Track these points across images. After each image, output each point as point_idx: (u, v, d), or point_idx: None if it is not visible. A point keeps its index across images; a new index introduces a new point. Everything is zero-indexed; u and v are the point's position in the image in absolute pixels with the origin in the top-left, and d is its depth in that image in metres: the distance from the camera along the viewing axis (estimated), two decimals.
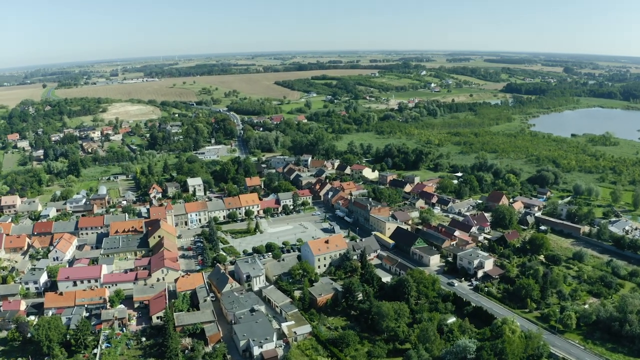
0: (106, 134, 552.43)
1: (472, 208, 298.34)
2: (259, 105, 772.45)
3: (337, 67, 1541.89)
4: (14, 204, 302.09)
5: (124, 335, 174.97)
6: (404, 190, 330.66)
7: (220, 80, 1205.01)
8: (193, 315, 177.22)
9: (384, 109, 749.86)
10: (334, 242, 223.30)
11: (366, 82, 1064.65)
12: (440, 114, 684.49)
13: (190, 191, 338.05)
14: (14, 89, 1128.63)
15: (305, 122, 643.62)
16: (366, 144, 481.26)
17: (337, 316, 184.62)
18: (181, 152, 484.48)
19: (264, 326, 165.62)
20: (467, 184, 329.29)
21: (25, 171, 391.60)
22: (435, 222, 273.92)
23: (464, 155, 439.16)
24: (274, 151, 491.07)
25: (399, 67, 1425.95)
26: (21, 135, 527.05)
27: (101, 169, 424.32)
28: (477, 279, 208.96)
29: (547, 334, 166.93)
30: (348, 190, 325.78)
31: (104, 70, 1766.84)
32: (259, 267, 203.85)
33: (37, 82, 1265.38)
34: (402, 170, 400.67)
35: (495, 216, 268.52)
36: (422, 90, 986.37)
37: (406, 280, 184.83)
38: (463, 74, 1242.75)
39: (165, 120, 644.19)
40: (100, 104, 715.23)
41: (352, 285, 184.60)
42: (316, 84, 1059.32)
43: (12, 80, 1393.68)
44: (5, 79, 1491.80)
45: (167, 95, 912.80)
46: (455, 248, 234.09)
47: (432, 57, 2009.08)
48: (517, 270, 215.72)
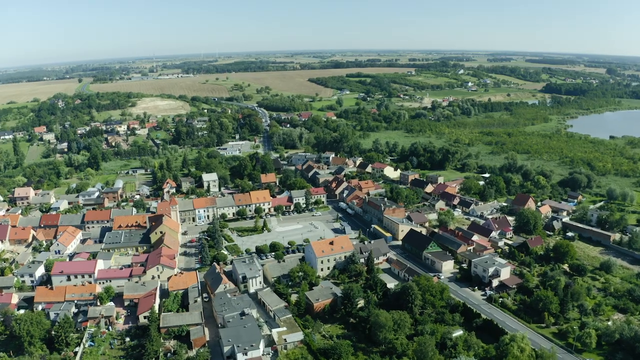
0: (132, 128, 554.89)
1: (495, 211, 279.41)
2: (289, 102, 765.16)
3: (374, 65, 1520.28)
4: (27, 195, 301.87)
5: (109, 334, 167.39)
6: (425, 191, 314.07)
7: (254, 76, 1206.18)
8: (180, 316, 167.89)
9: (416, 107, 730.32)
10: (340, 243, 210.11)
11: (401, 80, 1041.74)
12: (474, 113, 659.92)
13: (205, 187, 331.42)
14: (52, 83, 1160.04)
15: (334, 119, 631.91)
16: (392, 142, 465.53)
17: (334, 323, 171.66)
18: (204, 148, 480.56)
19: (252, 332, 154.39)
20: (493, 185, 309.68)
21: (46, 163, 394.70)
22: (454, 225, 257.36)
23: (495, 155, 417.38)
24: (298, 148, 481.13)
25: (437, 65, 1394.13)
26: (48, 128, 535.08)
27: (121, 162, 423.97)
28: (492, 289, 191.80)
29: (562, 353, 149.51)
30: (366, 189, 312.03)
31: (143, 66, 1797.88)
32: (257, 267, 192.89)
33: (76, 77, 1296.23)
34: (427, 170, 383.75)
35: (518, 220, 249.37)
36: (458, 89, 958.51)
37: (410, 288, 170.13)
38: (502, 73, 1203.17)
39: (193, 116, 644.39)
40: (130, 99, 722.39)
41: (351, 291, 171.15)
42: (350, 82, 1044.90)
43: (53, 75, 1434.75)
44: (47, 74, 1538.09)
45: (199, 91, 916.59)
46: (472, 254, 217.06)
47: (473, 57, 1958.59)
48: (538, 280, 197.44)
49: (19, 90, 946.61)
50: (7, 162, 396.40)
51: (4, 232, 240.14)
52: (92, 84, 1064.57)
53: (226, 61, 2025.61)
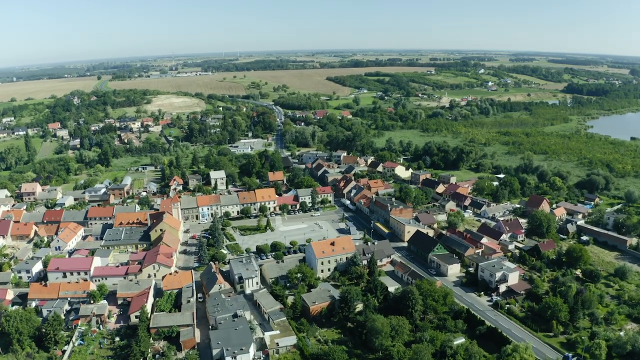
0: (146, 125, 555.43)
1: (508, 213, 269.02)
2: (305, 100, 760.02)
3: (394, 65, 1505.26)
4: (33, 191, 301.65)
5: (99, 333, 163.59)
6: (436, 191, 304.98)
7: (272, 75, 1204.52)
8: (171, 317, 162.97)
9: (434, 106, 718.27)
10: (341, 244, 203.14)
11: (420, 80, 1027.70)
12: (492, 112, 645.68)
13: (213, 184, 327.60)
14: (72, 80, 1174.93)
15: (350, 117, 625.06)
16: (406, 141, 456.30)
17: (331, 328, 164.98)
18: (216, 145, 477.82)
19: (243, 334, 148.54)
20: (506, 186, 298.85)
21: (57, 159, 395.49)
22: (463, 227, 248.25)
23: (511, 155, 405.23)
24: (310, 146, 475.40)
25: (457, 65, 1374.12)
26: (62, 124, 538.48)
27: (132, 159, 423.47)
28: (499, 294, 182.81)
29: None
30: (375, 188, 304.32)
31: (164, 64, 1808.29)
32: (254, 268, 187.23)
33: (97, 74, 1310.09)
34: (441, 170, 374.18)
35: (531, 223, 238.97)
36: (478, 89, 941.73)
37: (410, 292, 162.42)
38: (523, 73, 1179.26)
39: (208, 113, 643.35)
40: (145, 96, 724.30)
41: (349, 294, 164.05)
42: (368, 80, 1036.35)
43: (74, 73, 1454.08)
44: (68, 71, 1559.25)
45: (216, 89, 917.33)
46: (479, 257, 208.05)
47: (495, 57, 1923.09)
48: (548, 285, 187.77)
49: (38, 87, 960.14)
50: (18, 158, 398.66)
51: (6, 228, 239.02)
52: (110, 81, 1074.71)
53: (247, 60, 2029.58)
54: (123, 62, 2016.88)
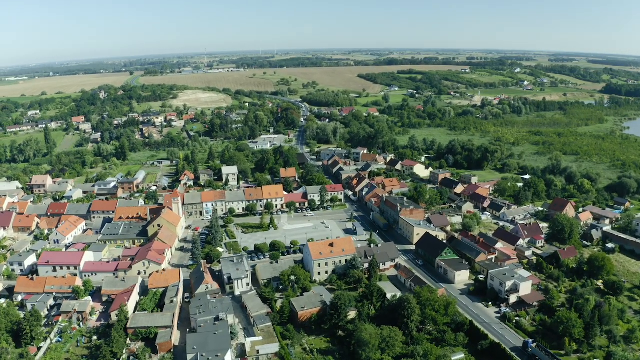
0: (169, 120, 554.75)
1: (529, 216, 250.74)
2: (333, 97, 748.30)
3: (429, 63, 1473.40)
4: (43, 183, 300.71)
5: (78, 331, 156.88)
6: (454, 191, 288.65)
7: (302, 72, 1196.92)
8: (151, 317, 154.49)
9: (465, 105, 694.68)
10: (340, 245, 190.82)
11: (454, 78, 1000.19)
12: (525, 111, 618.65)
13: (224, 180, 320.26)
14: (106, 75, 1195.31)
15: (376, 115, 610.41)
16: (430, 139, 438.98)
17: (321, 335, 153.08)
18: (235, 141, 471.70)
19: (221, 339, 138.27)
20: (530, 187, 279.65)
21: (75, 152, 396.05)
22: (479, 230, 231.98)
23: (540, 156, 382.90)
24: (332, 143, 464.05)
25: (493, 63, 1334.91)
26: (87, 118, 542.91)
27: (150, 153, 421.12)
28: (508, 305, 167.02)
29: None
30: (390, 187, 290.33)
31: (201, 61, 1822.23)
32: (244, 268, 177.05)
33: (133, 70, 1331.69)
34: (464, 170, 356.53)
35: (552, 227, 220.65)
36: (513, 88, 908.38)
37: (407, 301, 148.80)
38: (561, 72, 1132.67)
39: (233, 109, 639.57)
40: (172, 91, 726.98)
41: (339, 300, 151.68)
42: (400, 78, 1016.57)
43: (110, 68, 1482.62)
44: (105, 67, 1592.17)
45: (245, 85, 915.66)
46: (491, 264, 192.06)
47: (534, 57, 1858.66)
48: (565, 297, 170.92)
49: (70, 82, 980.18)
50: (37, 150, 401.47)
51: (8, 220, 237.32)
52: (142, 76, 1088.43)
53: (283, 57, 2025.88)
54: (160, 59, 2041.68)
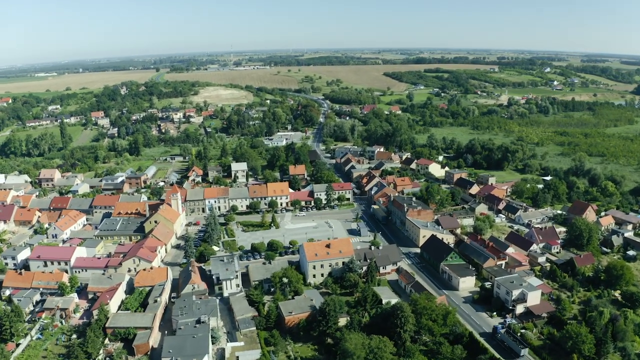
0: (188, 116, 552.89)
1: (547, 220, 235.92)
2: (355, 95, 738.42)
3: (458, 62, 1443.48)
4: (52, 177, 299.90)
5: (59, 329, 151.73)
6: (469, 192, 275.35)
7: (327, 69, 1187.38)
8: (131, 317, 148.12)
9: (491, 104, 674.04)
10: (338, 246, 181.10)
11: (481, 77, 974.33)
12: (552, 111, 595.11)
13: (233, 176, 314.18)
14: (133, 72, 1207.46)
15: (398, 113, 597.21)
16: (450, 138, 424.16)
17: (308, 343, 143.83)
18: (252, 137, 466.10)
19: (199, 344, 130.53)
20: (550, 189, 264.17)
21: (89, 147, 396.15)
22: (491, 233, 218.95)
23: (564, 157, 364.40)
24: (349, 141, 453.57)
25: (522, 63, 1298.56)
26: (106, 113, 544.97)
27: (164, 149, 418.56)
28: (514, 316, 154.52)
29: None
30: (401, 186, 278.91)
31: (230, 59, 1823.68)
32: (234, 268, 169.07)
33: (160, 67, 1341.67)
34: (483, 170, 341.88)
35: (570, 232, 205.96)
36: (542, 88, 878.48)
37: (400, 309, 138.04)
38: (592, 73, 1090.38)
39: (253, 106, 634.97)
40: (193, 87, 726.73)
41: (327, 306, 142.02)
42: (426, 77, 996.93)
43: (139, 65, 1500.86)
44: (134, 64, 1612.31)
45: (269, 82, 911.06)
46: (500, 270, 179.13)
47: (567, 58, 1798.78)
48: (577, 308, 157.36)
49: (96, 78, 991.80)
50: (52, 145, 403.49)
51: (9, 213, 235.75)
52: (168, 73, 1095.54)
53: (312, 56, 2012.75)
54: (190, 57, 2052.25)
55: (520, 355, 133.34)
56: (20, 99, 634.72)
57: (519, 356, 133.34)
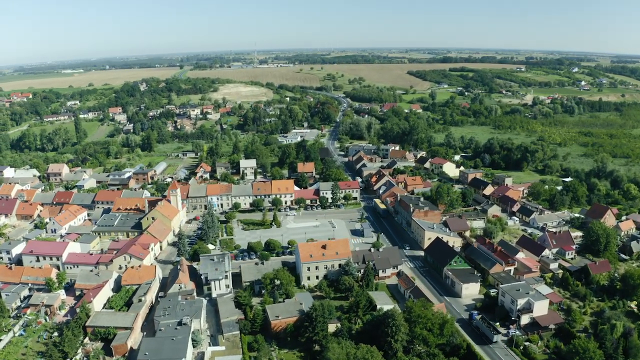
0: (205, 112, 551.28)
1: (563, 223, 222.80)
2: (377, 93, 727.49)
3: (485, 62, 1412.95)
4: (59, 172, 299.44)
5: (43, 325, 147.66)
6: (483, 193, 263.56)
7: (350, 68, 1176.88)
8: (112, 316, 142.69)
9: (515, 103, 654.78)
10: (334, 247, 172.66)
11: (507, 76, 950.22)
12: (578, 111, 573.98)
13: (241, 173, 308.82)
14: (158, 69, 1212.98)
15: (418, 111, 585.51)
16: (468, 137, 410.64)
17: (295, 349, 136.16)
18: (267, 134, 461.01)
19: (177, 347, 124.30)
20: (569, 191, 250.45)
21: (102, 142, 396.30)
22: (502, 236, 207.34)
23: (587, 158, 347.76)
24: (365, 139, 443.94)
25: (550, 63, 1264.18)
26: (124, 109, 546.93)
27: (177, 145, 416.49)
28: (519, 327, 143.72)
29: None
30: (412, 186, 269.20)
31: (257, 57, 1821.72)
32: (223, 268, 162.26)
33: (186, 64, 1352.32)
34: (501, 170, 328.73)
35: (586, 237, 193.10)
36: (568, 88, 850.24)
37: (391, 316, 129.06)
38: (621, 73, 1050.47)
39: (272, 103, 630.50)
40: (213, 84, 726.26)
41: (315, 311, 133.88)
42: (451, 75, 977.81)
43: (166, 63, 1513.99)
44: (161, 62, 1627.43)
45: (290, 80, 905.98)
46: (507, 276, 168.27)
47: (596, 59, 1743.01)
48: (589, 320, 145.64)
49: (119, 75, 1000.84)
50: (66, 139, 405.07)
51: (11, 207, 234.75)
52: (191, 70, 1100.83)
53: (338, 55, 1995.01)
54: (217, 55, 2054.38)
55: (493, 341, 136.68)
56: (40, 94, 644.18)
57: (492, 342, 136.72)
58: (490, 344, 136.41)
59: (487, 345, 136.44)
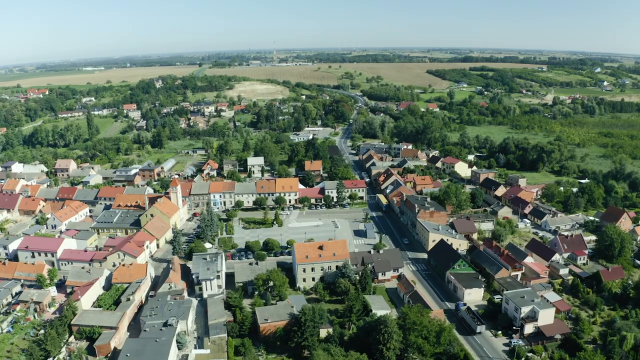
0: (219, 110, 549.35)
1: (577, 226, 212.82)
2: (394, 92, 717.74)
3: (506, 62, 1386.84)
4: (67, 168, 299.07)
5: (31, 322, 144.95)
6: (495, 194, 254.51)
7: (369, 66, 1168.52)
8: (98, 315, 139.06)
9: (535, 103, 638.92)
10: (332, 249, 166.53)
11: (528, 76, 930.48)
12: (599, 112, 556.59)
13: (248, 171, 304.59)
14: (178, 67, 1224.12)
15: (435, 110, 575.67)
16: (484, 136, 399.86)
17: (283, 354, 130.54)
18: (280, 132, 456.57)
19: (160, 349, 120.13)
20: (584, 193, 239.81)
21: (114, 139, 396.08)
22: (510, 239, 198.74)
23: (605, 159, 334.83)
24: (378, 137, 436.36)
25: (572, 63, 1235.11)
26: (138, 106, 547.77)
27: (188, 142, 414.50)
28: (522, 336, 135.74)
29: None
30: (421, 186, 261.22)
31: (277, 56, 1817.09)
32: (215, 268, 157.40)
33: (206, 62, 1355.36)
34: (515, 170, 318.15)
35: (599, 242, 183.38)
36: (590, 88, 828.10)
37: (383, 323, 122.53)
38: None
39: (287, 101, 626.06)
40: (229, 82, 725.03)
41: (303, 316, 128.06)
42: (470, 75, 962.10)
43: (186, 61, 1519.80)
44: (182, 60, 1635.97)
45: (307, 78, 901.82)
46: (513, 282, 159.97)
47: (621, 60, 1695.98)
48: (599, 330, 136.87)
49: (138, 72, 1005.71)
50: (78, 136, 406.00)
51: (14, 202, 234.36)
52: (209, 68, 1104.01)
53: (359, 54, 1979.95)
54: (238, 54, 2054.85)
55: (476, 332, 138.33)
56: (56, 91, 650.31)
57: (475, 333, 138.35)
58: (474, 335, 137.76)
59: (471, 336, 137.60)
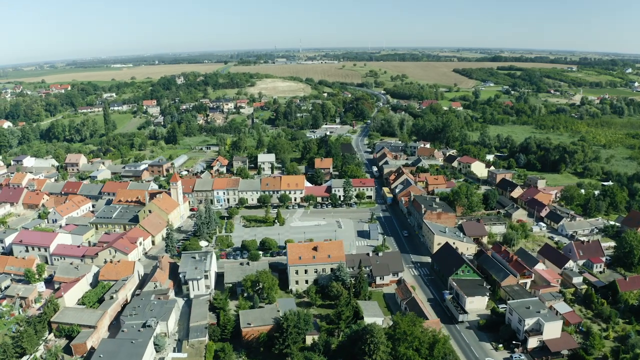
0: (238, 107, 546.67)
1: (596, 232, 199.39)
2: (417, 90, 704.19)
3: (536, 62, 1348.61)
4: (77, 162, 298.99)
5: (15, 318, 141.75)
6: (510, 195, 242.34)
7: (394, 65, 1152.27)
8: (79, 313, 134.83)
9: (563, 103, 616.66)
10: (326, 250, 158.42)
11: (556, 76, 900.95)
12: (628, 112, 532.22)
13: (258, 168, 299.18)
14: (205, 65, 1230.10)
15: (458, 109, 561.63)
16: (504, 136, 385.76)
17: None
18: (298, 129, 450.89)
19: (135, 351, 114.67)
20: (606, 196, 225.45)
21: (129, 134, 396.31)
22: (524, 244, 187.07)
23: (632, 161, 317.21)
24: (397, 136, 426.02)
25: (603, 63, 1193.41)
26: (158, 102, 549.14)
27: (203, 138, 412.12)
28: (525, 351, 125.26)
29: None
30: (433, 186, 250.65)
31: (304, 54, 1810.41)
32: (203, 268, 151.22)
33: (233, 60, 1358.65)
34: (537, 172, 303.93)
35: (618, 248, 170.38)
36: (621, 89, 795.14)
37: (370, 332, 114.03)
38: None
39: (308, 98, 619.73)
40: (251, 79, 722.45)
41: (285, 321, 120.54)
42: (498, 74, 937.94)
43: (215, 59, 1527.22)
44: (210, 57, 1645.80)
45: (331, 76, 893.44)
46: (520, 290, 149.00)
47: None
48: (611, 346, 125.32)
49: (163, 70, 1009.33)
50: (94, 131, 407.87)
51: (18, 196, 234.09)
52: (235, 66, 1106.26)
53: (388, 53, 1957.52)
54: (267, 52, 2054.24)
55: (459, 321, 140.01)
56: (78, 86, 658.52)
57: (458, 322, 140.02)
58: (456, 324, 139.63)
59: (454, 325, 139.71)
